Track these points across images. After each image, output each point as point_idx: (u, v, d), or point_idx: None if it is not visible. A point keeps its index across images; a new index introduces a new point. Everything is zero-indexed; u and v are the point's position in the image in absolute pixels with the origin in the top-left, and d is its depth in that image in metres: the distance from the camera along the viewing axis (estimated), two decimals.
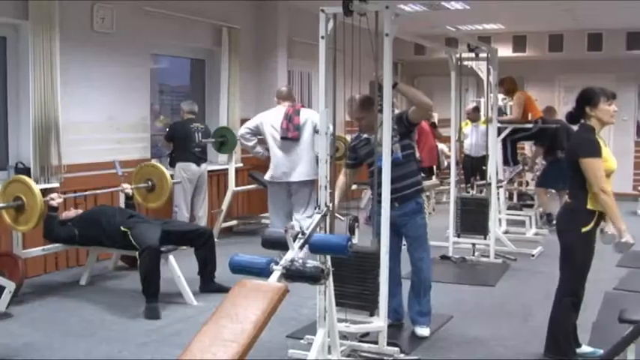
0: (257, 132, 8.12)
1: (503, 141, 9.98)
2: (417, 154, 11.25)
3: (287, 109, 7.85)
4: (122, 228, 6.41)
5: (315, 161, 7.63)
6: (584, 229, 4.65)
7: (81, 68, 7.71)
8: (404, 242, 5.69)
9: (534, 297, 6.64)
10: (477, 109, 11.84)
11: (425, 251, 5.63)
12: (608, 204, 4.58)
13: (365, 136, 5.49)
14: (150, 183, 7.50)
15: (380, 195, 4.88)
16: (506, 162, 10.19)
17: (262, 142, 8.24)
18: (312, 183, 7.78)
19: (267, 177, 8.04)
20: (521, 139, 10.46)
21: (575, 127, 5.06)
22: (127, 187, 7.28)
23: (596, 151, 4.61)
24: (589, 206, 4.64)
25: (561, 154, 9.86)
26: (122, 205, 7.26)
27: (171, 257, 6.33)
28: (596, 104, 4.70)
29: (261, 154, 8.31)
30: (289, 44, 10.94)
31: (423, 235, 5.59)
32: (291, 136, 7.76)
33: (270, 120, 7.96)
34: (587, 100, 4.74)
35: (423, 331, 5.57)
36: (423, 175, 6.25)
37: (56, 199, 6.51)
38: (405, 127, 5.29)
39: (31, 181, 6.40)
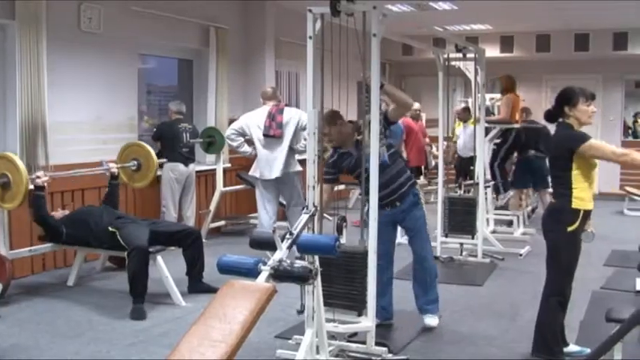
0: (242, 133, 8.22)
1: (492, 169, 10.03)
2: (404, 156, 11.38)
3: (271, 109, 7.98)
4: (110, 228, 6.40)
5: (292, 154, 7.96)
6: (569, 229, 4.67)
7: (68, 68, 7.69)
8: (397, 242, 5.74)
9: (522, 296, 6.66)
10: (467, 110, 11.86)
11: (426, 241, 5.73)
12: (634, 158, 4.64)
13: (343, 150, 5.48)
14: (136, 162, 7.49)
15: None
16: (496, 190, 10.21)
17: (249, 142, 8.32)
18: (295, 175, 8.04)
19: (256, 174, 8.12)
20: (506, 158, 10.43)
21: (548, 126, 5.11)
22: (113, 167, 7.26)
23: (587, 135, 4.67)
24: (574, 205, 4.67)
25: (531, 152, 10.02)
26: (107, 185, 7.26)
27: (159, 258, 6.31)
28: (575, 104, 4.73)
29: (249, 153, 8.36)
30: (277, 44, 10.94)
31: (422, 226, 5.69)
32: (273, 133, 7.87)
33: (255, 120, 8.08)
34: (566, 99, 4.77)
35: (432, 320, 5.72)
36: None
37: (42, 177, 6.46)
38: (382, 125, 5.30)
39: (16, 158, 6.40)
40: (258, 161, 8.09)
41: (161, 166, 8.66)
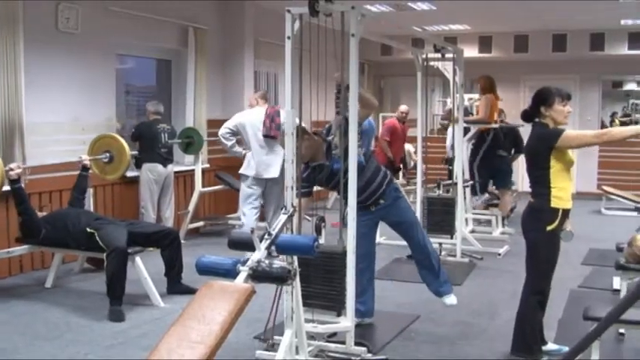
0: (236, 132, 8.26)
1: (471, 169, 10.05)
2: (390, 155, 11.48)
3: (268, 110, 8.04)
4: (88, 229, 6.35)
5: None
6: (549, 228, 4.70)
7: (45, 69, 7.64)
8: (377, 242, 5.76)
9: (501, 296, 6.70)
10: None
11: (420, 230, 5.80)
12: (617, 133, 4.71)
13: (315, 163, 5.40)
14: (108, 155, 7.46)
15: (360, 202, 4.93)
16: (474, 191, 10.23)
17: (239, 142, 8.40)
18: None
19: (249, 173, 8.16)
20: (485, 158, 10.41)
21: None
22: (86, 159, 7.23)
23: (560, 129, 4.72)
24: (553, 205, 4.70)
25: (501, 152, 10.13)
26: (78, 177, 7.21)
27: (137, 259, 6.29)
28: (551, 104, 4.76)
29: (240, 153, 8.38)
30: (256, 44, 10.92)
31: (412, 215, 5.79)
32: (273, 134, 7.95)
33: (251, 119, 8.16)
34: (542, 99, 4.81)
35: (451, 299, 5.82)
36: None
37: (15, 170, 6.39)
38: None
39: None
40: (255, 160, 8.13)
41: (138, 165, 8.65)
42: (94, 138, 7.62)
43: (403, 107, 12.07)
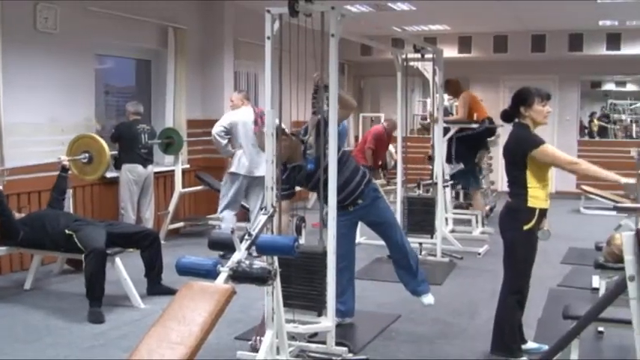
0: (229, 131, 8.33)
1: (449, 139, 10.04)
2: (371, 163, 11.53)
3: (257, 109, 8.07)
4: (67, 231, 6.31)
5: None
6: (525, 227, 4.72)
7: (24, 69, 7.58)
8: (357, 242, 5.76)
9: (481, 295, 6.72)
10: None
11: (399, 230, 5.83)
12: (590, 169, 4.76)
13: (293, 164, 5.37)
14: (87, 155, 7.44)
15: (338, 202, 4.92)
16: (448, 160, 10.24)
17: (229, 141, 8.46)
18: None
19: (241, 171, 8.27)
20: (467, 138, 10.43)
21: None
22: (64, 159, 7.19)
23: (541, 140, 4.73)
24: (530, 204, 4.73)
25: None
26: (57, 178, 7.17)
27: (117, 260, 6.26)
28: (531, 104, 4.79)
29: (231, 152, 8.43)
30: (235, 45, 10.90)
31: (391, 216, 5.79)
32: None
33: (242, 118, 8.27)
34: (522, 99, 4.83)
35: (428, 299, 5.86)
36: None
37: None
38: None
39: None
40: (248, 159, 8.22)
41: (117, 166, 8.62)
42: (73, 138, 7.58)
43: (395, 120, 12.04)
